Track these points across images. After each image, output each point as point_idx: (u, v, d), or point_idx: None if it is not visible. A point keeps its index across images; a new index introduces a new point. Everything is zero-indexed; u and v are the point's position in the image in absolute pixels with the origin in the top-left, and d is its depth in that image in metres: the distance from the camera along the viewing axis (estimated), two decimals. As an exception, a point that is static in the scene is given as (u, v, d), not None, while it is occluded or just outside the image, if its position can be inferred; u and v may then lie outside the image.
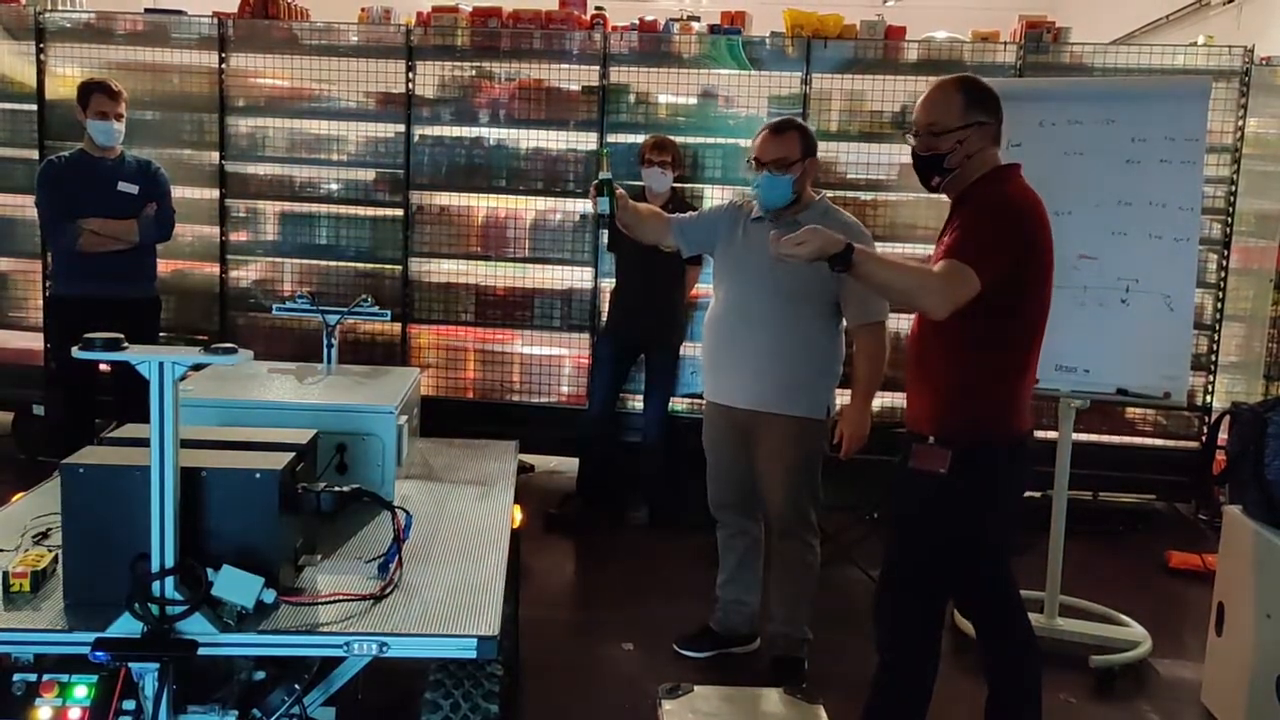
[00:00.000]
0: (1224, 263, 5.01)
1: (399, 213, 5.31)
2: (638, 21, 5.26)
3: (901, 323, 5.09)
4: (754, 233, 3.21)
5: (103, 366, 3.97)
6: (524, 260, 5.34)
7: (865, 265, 2.37)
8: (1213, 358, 5.06)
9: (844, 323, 3.27)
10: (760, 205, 3.21)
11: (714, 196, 5.19)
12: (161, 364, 1.84)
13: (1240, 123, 4.93)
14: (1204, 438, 4.92)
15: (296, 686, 2.08)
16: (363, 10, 5.39)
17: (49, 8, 5.43)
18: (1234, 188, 4.97)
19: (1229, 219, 4.99)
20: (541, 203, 5.37)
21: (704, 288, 4.72)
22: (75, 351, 1.84)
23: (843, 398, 3.33)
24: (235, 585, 1.89)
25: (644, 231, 3.32)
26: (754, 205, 3.29)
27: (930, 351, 2.54)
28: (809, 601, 3.38)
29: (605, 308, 5.04)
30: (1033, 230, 2.44)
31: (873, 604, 2.72)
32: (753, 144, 3.24)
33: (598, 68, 5.14)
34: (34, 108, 5.33)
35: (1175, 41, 5.72)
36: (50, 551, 2.06)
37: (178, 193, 4.62)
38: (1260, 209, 5.14)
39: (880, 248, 3.37)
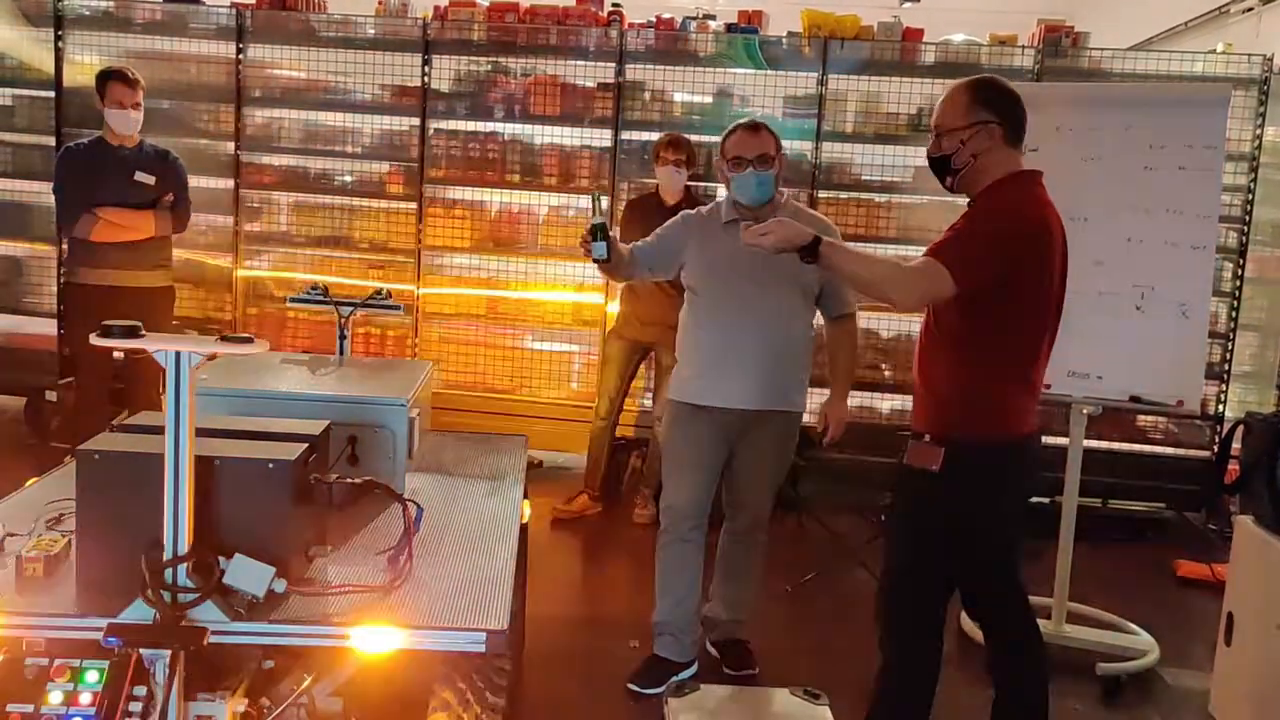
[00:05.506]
0: (1239, 271, 4.99)
1: (413, 206, 5.32)
2: (654, 19, 5.26)
3: (909, 325, 5.10)
4: (731, 236, 3.08)
5: (116, 354, 3.98)
6: (536, 256, 5.35)
7: (833, 256, 2.43)
8: (1226, 367, 5.03)
9: (814, 316, 3.29)
10: (748, 201, 3.14)
11: (728, 196, 5.19)
12: (178, 353, 1.85)
13: (1258, 131, 4.90)
14: (1216, 447, 4.90)
15: (306, 676, 2.09)
16: (380, 3, 5.40)
17: (68, -5, 5.46)
18: (1251, 196, 4.94)
19: (1245, 227, 4.97)
20: (554, 198, 5.38)
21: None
22: (94, 338, 1.85)
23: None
24: (247, 574, 1.90)
25: (627, 271, 3.23)
26: (720, 211, 3.23)
27: (931, 354, 2.56)
28: (756, 582, 3.43)
29: (616, 305, 5.05)
30: (1028, 241, 2.41)
31: (875, 603, 2.72)
32: (726, 144, 3.15)
33: (613, 64, 5.14)
34: (52, 95, 5.36)
35: (1194, 48, 5.69)
36: (64, 537, 2.07)
37: (193, 182, 4.63)
38: (1277, 218, 5.12)
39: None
